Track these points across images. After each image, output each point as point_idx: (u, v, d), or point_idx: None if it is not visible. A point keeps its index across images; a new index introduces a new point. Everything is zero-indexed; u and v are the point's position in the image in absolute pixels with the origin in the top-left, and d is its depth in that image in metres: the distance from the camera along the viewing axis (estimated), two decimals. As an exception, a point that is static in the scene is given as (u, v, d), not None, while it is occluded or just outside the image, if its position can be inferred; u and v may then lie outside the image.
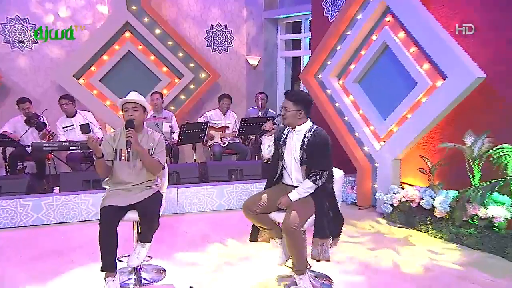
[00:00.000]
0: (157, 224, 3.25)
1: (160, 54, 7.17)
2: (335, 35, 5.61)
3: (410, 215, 4.72)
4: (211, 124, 6.58)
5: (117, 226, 3.18)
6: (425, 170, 4.85)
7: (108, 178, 3.43)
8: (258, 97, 6.96)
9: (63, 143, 5.71)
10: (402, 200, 4.81)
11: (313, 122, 3.33)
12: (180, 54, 7.30)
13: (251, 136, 6.75)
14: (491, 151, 4.20)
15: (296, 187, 3.24)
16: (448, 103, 4.38)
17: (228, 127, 6.81)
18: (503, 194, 4.10)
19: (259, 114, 6.97)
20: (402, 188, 5.00)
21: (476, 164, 4.31)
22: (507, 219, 3.94)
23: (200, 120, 6.82)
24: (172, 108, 7.30)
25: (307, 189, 3.19)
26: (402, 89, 4.92)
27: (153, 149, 3.39)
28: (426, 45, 4.52)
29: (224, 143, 6.76)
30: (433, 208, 4.53)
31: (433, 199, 4.53)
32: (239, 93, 7.89)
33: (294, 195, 3.20)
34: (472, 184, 4.33)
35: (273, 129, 3.35)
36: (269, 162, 3.56)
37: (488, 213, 4.02)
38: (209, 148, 6.78)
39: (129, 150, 3.20)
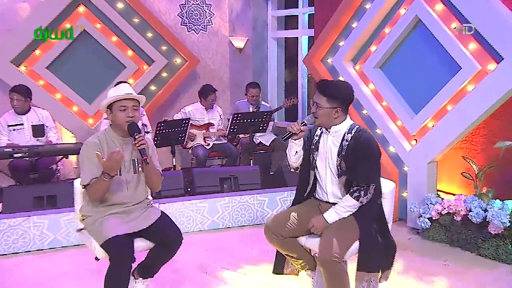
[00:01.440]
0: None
1: (124, 34, 6.52)
2: (349, 9, 5.16)
3: (454, 231, 4.31)
4: (191, 122, 5.95)
5: (134, 261, 2.85)
6: (470, 175, 4.41)
7: (88, 202, 3.03)
8: (250, 94, 6.33)
9: (5, 149, 4.94)
10: (443, 213, 4.36)
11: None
12: (149, 35, 6.67)
13: (241, 135, 6.17)
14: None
15: (333, 204, 2.93)
16: (504, 92, 3.97)
17: (213, 125, 6.21)
18: None
19: (251, 107, 6.39)
20: (439, 197, 4.56)
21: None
22: None
23: (177, 116, 6.19)
24: (140, 101, 6.61)
25: (348, 208, 2.86)
26: (440, 76, 4.50)
27: (148, 158, 3.02)
28: (475, 19, 4.09)
29: (209, 144, 6.15)
30: (485, 223, 4.11)
31: (485, 211, 4.10)
32: (221, 83, 7.33)
33: (331, 216, 2.86)
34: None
35: (302, 131, 2.91)
36: (297, 172, 3.15)
37: None
38: (190, 151, 6.14)
39: (148, 161, 2.90)
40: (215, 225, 4.81)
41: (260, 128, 5.81)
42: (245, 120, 5.66)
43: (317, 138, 3.01)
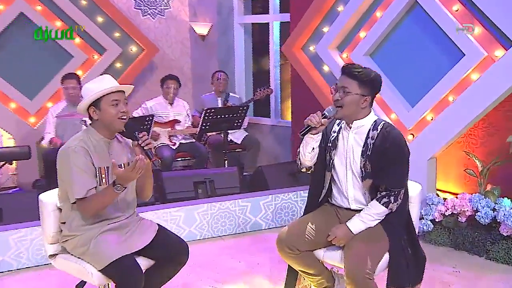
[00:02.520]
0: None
1: (69, 18, 6.12)
2: (334, -10, 4.96)
3: (459, 234, 4.23)
4: (154, 119, 5.59)
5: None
6: (473, 171, 4.35)
7: (74, 218, 2.69)
8: (217, 77, 6.09)
9: None
10: (446, 214, 4.28)
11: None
12: (100, 19, 6.30)
13: (210, 133, 5.89)
14: None
15: (354, 211, 2.76)
16: (516, 80, 3.88)
17: (179, 121, 5.87)
18: None
19: (219, 100, 6.12)
20: (438, 196, 4.49)
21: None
22: None
23: (137, 113, 5.83)
24: (91, 96, 6.18)
25: (376, 216, 2.69)
26: (439, 64, 4.38)
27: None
28: (480, 0, 3.99)
29: (174, 144, 5.82)
30: (493, 223, 4.05)
31: (493, 211, 4.04)
32: (182, 75, 6.97)
33: (356, 225, 2.68)
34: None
35: (322, 124, 2.69)
36: (308, 172, 2.92)
37: None
38: (154, 150, 5.76)
39: (157, 164, 2.72)
40: (193, 236, 4.51)
41: (235, 124, 5.56)
42: (218, 116, 5.37)
43: (335, 134, 2.81)
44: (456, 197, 4.29)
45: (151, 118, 5.44)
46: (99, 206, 2.60)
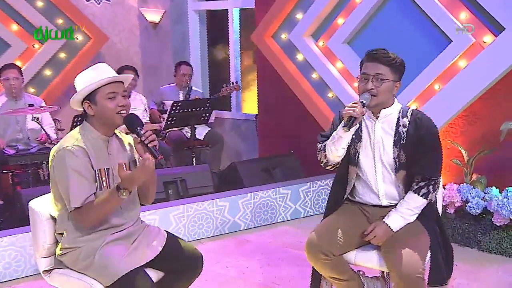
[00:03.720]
0: None
1: (4, 2, 5.70)
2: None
3: (448, 225, 4.21)
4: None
5: None
6: (459, 161, 4.38)
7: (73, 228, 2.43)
8: (182, 71, 5.79)
9: None
10: (434, 206, 4.27)
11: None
12: (40, 4, 5.87)
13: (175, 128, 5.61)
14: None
15: (386, 207, 2.66)
16: (505, 67, 3.93)
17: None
18: None
19: (180, 94, 5.83)
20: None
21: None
22: None
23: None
24: (32, 90, 5.87)
25: (416, 210, 2.59)
26: (424, 51, 4.35)
27: (138, 160, 2.56)
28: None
29: (132, 141, 5.45)
30: (484, 214, 4.08)
31: (484, 201, 4.08)
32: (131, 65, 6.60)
33: (396, 222, 2.56)
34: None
35: (363, 114, 2.52)
36: (332, 169, 2.75)
37: None
38: (109, 150, 5.40)
39: (163, 163, 2.58)
40: (169, 241, 4.22)
41: (202, 119, 5.31)
42: (185, 110, 5.09)
43: (358, 125, 2.64)
44: (444, 188, 4.29)
45: (108, 113, 5.10)
46: (100, 215, 2.36)
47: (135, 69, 5.57)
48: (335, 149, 2.58)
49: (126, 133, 2.60)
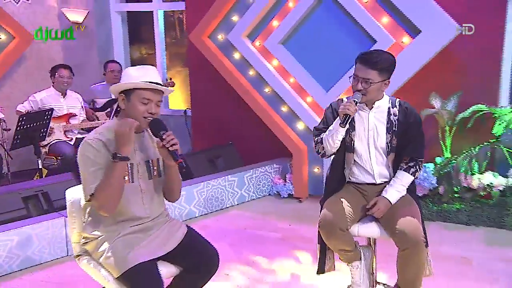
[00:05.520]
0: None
1: None
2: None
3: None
4: (47, 112, 5.15)
5: None
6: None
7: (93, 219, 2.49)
8: (111, 69, 5.82)
9: None
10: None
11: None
12: None
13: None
14: (461, 114, 4.63)
15: (379, 185, 2.94)
16: (421, 64, 4.58)
17: (75, 115, 5.46)
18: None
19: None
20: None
21: (448, 130, 4.69)
22: (509, 186, 4.40)
23: (23, 107, 5.30)
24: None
25: (407, 185, 2.90)
26: (351, 51, 4.73)
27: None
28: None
29: (71, 139, 5.40)
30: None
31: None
32: (53, 65, 6.39)
33: (394, 196, 2.85)
34: (444, 154, 4.71)
35: (356, 110, 2.81)
36: (326, 157, 3.01)
37: (484, 182, 4.43)
38: (45, 149, 5.28)
39: (184, 165, 2.41)
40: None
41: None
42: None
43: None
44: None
45: (50, 112, 5.03)
46: (109, 191, 2.30)
47: (71, 68, 5.47)
48: (332, 142, 2.83)
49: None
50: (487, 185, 4.43)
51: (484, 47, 4.68)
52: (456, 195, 4.60)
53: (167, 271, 2.45)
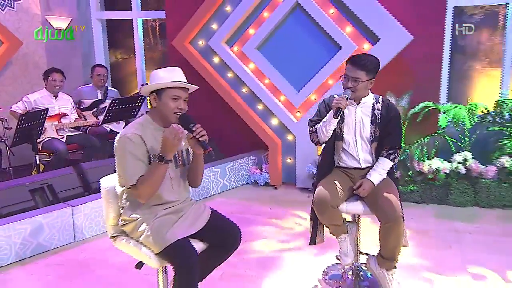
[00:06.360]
0: None
1: None
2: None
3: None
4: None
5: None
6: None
7: (131, 204, 2.76)
8: (97, 72, 6.20)
9: None
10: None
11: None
12: None
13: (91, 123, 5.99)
14: (412, 110, 5.35)
15: (364, 169, 3.32)
16: (381, 67, 5.23)
17: (66, 115, 5.83)
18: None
19: (99, 93, 6.24)
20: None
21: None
22: (453, 170, 5.15)
23: (17, 107, 5.61)
24: None
25: (387, 170, 3.26)
26: (319, 55, 5.50)
27: (190, 150, 2.92)
28: (354, 6, 5.23)
29: (63, 137, 5.77)
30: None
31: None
32: (37, 69, 6.75)
33: (377, 178, 3.22)
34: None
35: (347, 104, 3.19)
36: (320, 145, 3.38)
37: (433, 167, 5.17)
38: (40, 146, 5.61)
39: (213, 153, 2.68)
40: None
41: (132, 113, 5.82)
42: (122, 106, 5.59)
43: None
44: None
45: (45, 112, 5.36)
46: (152, 185, 2.57)
47: (62, 71, 5.81)
48: (325, 131, 3.18)
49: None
50: (435, 169, 5.16)
51: (427, 53, 5.42)
52: (409, 178, 5.30)
53: (197, 246, 2.71)
